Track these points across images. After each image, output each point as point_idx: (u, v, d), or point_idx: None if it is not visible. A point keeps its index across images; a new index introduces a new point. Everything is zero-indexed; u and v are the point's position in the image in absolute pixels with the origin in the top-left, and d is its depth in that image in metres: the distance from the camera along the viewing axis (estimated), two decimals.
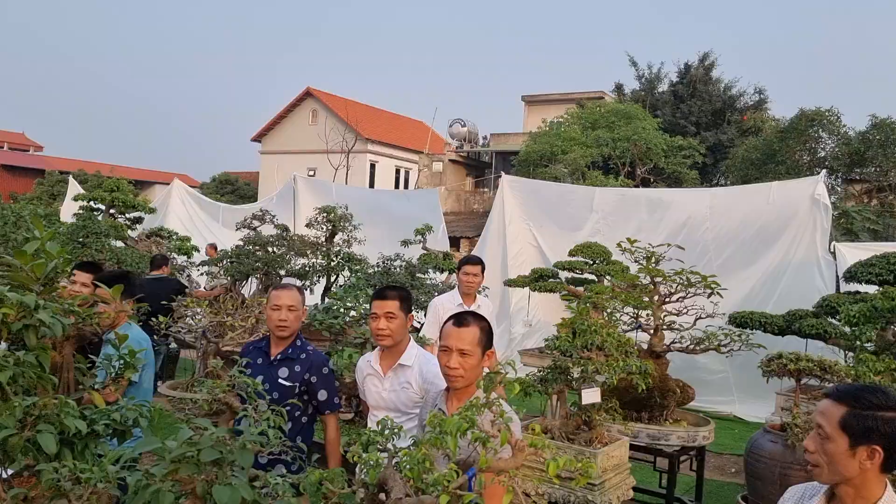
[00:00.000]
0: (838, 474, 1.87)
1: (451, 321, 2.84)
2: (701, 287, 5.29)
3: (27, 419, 1.45)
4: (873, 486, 1.86)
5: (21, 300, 1.68)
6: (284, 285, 3.69)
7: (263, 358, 3.50)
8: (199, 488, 1.07)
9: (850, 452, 1.83)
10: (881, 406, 1.83)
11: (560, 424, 4.14)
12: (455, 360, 2.68)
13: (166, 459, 1.08)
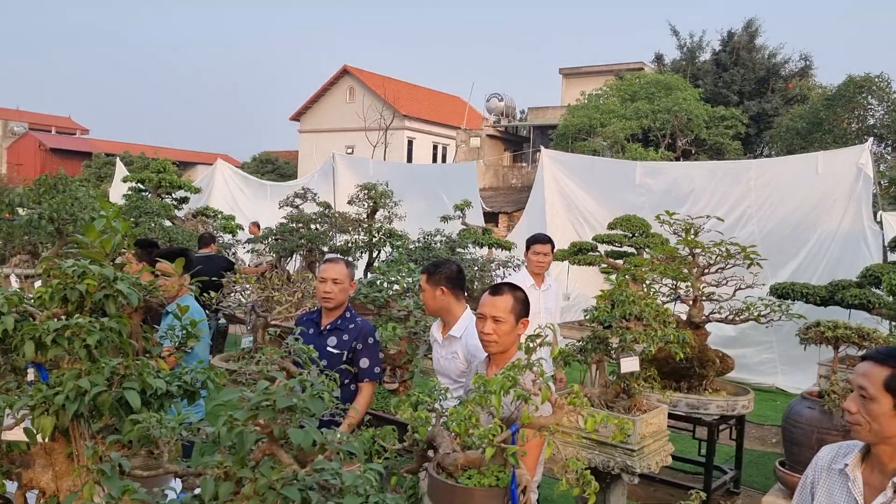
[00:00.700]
0: (880, 433, 1.94)
1: (487, 290, 3.01)
2: (740, 258, 5.30)
3: (114, 378, 1.62)
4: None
5: (102, 272, 1.84)
6: (332, 259, 3.86)
7: (314, 328, 3.70)
8: (276, 431, 1.21)
9: (894, 412, 1.90)
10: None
11: (599, 393, 4.23)
12: (489, 326, 2.83)
13: (246, 407, 1.23)
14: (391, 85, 36.04)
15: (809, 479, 2.22)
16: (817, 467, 2.21)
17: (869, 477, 2.01)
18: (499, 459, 1.89)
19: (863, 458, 2.04)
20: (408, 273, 5.04)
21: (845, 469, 2.05)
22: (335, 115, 36.96)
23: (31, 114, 43.99)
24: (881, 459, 1.97)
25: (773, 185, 9.42)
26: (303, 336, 3.74)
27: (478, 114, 36.37)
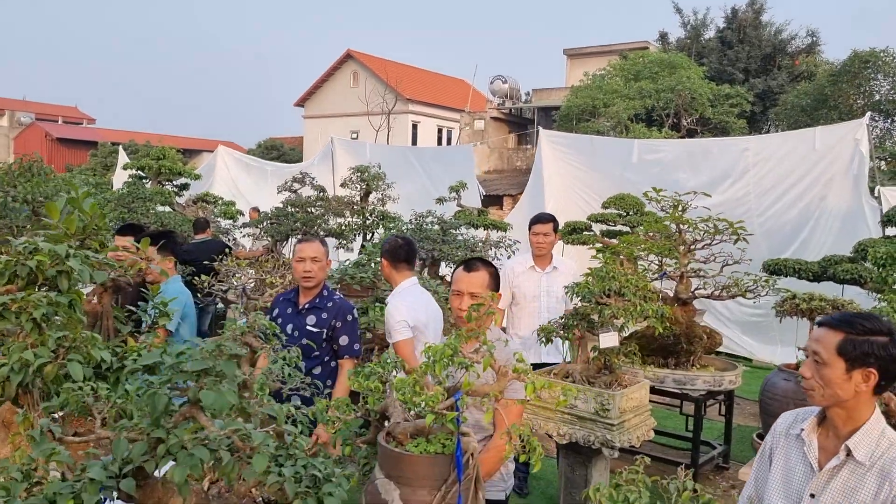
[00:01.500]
0: (833, 398, 1.96)
1: (461, 266, 3.03)
2: (728, 234, 5.30)
3: (59, 350, 1.65)
4: (864, 409, 1.95)
5: (53, 249, 1.88)
6: (307, 238, 3.89)
7: (293, 308, 3.74)
8: (191, 394, 1.24)
9: (847, 376, 1.92)
10: (875, 331, 1.92)
11: (581, 369, 4.26)
12: (466, 303, 2.84)
13: (161, 370, 1.26)
14: (395, 69, 35.90)
15: (768, 446, 2.24)
16: (776, 433, 2.23)
17: (824, 441, 2.03)
18: (448, 427, 1.92)
19: (819, 423, 2.06)
20: None
21: (801, 434, 2.08)
22: (339, 100, 36.91)
23: (37, 104, 44.17)
24: (835, 423, 2.00)
25: (770, 162, 9.37)
26: (282, 316, 3.79)
27: (482, 96, 36.20)
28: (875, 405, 1.97)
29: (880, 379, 1.90)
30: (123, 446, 1.19)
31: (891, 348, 1.88)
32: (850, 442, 1.93)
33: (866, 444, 1.92)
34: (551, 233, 5.29)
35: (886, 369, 1.90)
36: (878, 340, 1.89)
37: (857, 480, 1.92)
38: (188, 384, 1.25)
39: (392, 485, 1.87)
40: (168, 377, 1.25)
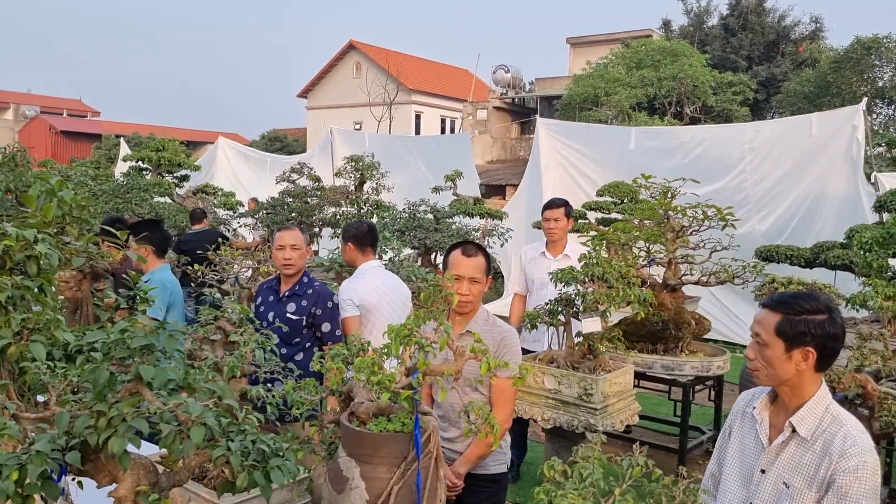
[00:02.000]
0: (776, 377, 1.99)
1: (458, 251, 3.01)
2: (716, 220, 5.30)
3: (23, 332, 1.70)
4: (808, 385, 1.98)
5: (20, 234, 1.92)
6: (287, 226, 3.93)
7: (274, 295, 3.79)
8: (133, 369, 1.28)
9: (787, 356, 1.95)
10: (813, 310, 1.94)
11: (566, 354, 4.30)
12: (466, 287, 2.87)
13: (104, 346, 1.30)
14: (397, 59, 35.84)
15: (728, 424, 2.28)
16: (734, 412, 2.27)
17: (775, 418, 2.06)
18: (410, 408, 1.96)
19: (771, 402, 2.10)
20: (383, 241, 5.09)
21: (753, 412, 2.11)
22: (342, 90, 36.87)
23: (41, 97, 44.31)
24: (783, 401, 2.03)
25: (767, 148, 9.36)
26: (264, 304, 3.84)
27: (485, 86, 36.10)
28: (821, 382, 2.00)
29: (819, 356, 1.93)
30: (65, 419, 1.23)
31: (827, 326, 1.91)
32: (794, 418, 1.96)
33: (810, 421, 1.95)
34: (563, 218, 5.15)
35: (824, 346, 1.92)
36: (815, 319, 1.92)
37: (801, 455, 1.95)
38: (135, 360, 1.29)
39: (353, 462, 1.92)
40: (110, 353, 1.29)
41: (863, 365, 3.44)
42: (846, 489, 1.83)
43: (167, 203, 8.55)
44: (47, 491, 1.19)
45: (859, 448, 1.86)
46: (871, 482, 1.84)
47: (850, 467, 1.83)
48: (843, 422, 1.93)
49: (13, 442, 1.26)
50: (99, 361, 1.27)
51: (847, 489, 1.83)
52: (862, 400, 3.38)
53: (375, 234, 4.26)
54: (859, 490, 1.82)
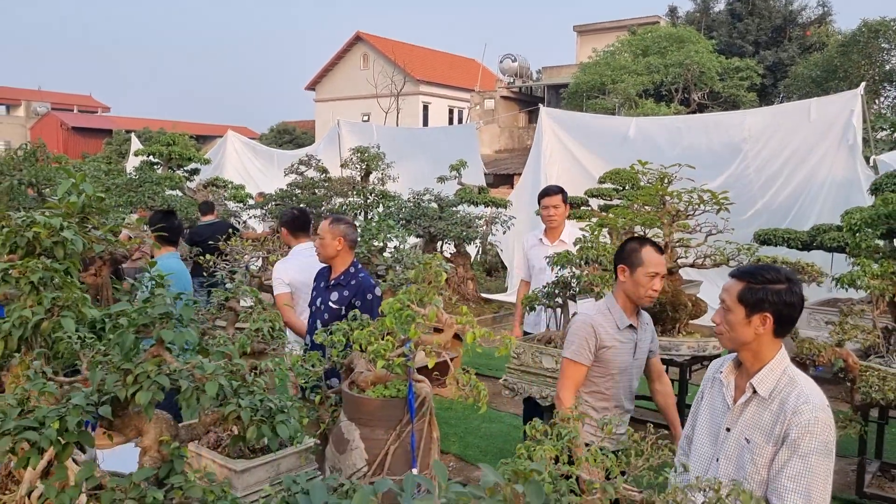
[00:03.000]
0: (737, 340, 2.17)
1: (650, 246, 3.15)
2: (711, 204, 5.44)
3: (54, 309, 1.89)
4: (767, 349, 2.15)
5: (48, 222, 2.11)
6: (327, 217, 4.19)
7: (325, 282, 3.96)
8: (155, 333, 1.47)
9: (747, 321, 2.13)
10: (772, 280, 2.11)
11: (562, 334, 4.46)
12: (659, 284, 3.11)
13: (129, 315, 1.49)
14: (404, 50, 35.92)
15: (701, 389, 2.46)
16: (706, 378, 2.45)
17: (739, 381, 2.24)
18: (404, 375, 2.14)
19: (736, 367, 2.27)
20: (387, 229, 5.28)
21: (720, 376, 2.29)
22: (350, 82, 36.99)
23: (52, 93, 44.69)
24: (745, 364, 2.20)
25: (767, 135, 9.45)
26: (316, 289, 4.04)
27: (492, 75, 36.12)
28: (780, 346, 2.16)
29: (776, 322, 2.10)
30: (98, 376, 1.42)
31: (784, 295, 2.08)
32: (754, 380, 2.14)
33: (768, 381, 2.12)
34: (560, 204, 5.23)
35: (780, 313, 2.09)
36: (774, 288, 2.09)
37: (760, 413, 2.12)
38: None
39: (353, 426, 2.11)
40: (135, 321, 1.47)
41: (843, 340, 3.60)
42: (798, 442, 2.00)
43: (179, 196, 8.77)
44: (84, 439, 1.38)
45: (811, 405, 2.03)
46: (822, 436, 2.00)
47: (802, 422, 2.00)
48: (798, 382, 2.10)
49: (52, 399, 1.45)
50: (125, 327, 1.46)
51: (799, 442, 2.00)
52: (844, 373, 3.54)
53: (307, 218, 4.85)
54: (810, 443, 1.99)
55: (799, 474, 2.00)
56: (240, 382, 1.63)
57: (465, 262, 6.91)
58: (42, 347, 1.86)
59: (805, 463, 2.00)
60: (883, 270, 4.42)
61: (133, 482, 1.34)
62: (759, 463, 2.08)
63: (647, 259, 3.00)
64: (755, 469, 2.09)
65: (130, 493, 1.32)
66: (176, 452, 1.43)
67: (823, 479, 2.01)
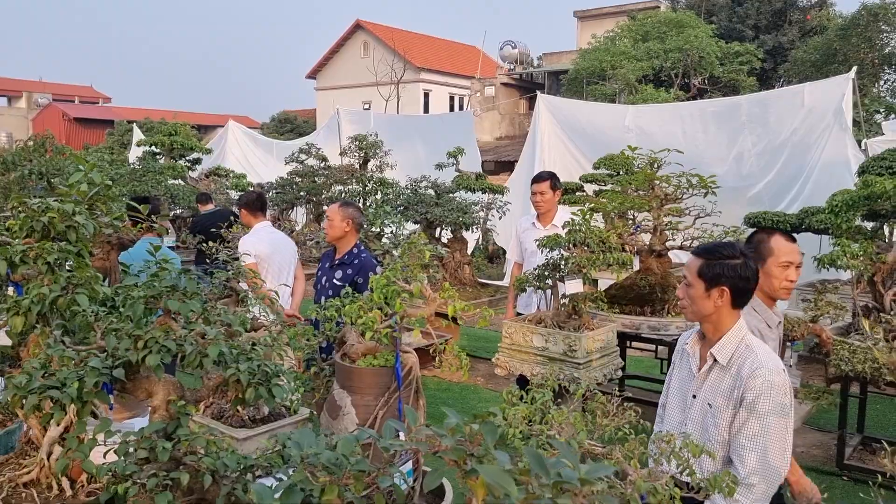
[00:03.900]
0: (699, 313, 2.34)
1: (785, 237, 2.94)
2: (699, 188, 5.60)
3: (69, 286, 2.06)
4: (726, 320, 2.32)
5: (62, 208, 2.28)
6: (335, 202, 4.61)
7: (329, 262, 4.26)
8: (163, 303, 1.63)
9: (706, 294, 2.30)
10: (728, 256, 2.28)
11: (553, 314, 4.63)
12: (794, 274, 2.84)
13: (140, 287, 1.65)
14: (405, 37, 35.91)
15: (672, 361, 2.63)
16: (676, 350, 2.62)
17: (703, 351, 2.41)
18: (392, 347, 2.31)
19: (701, 338, 2.44)
20: (384, 215, 5.44)
21: (686, 347, 2.46)
22: (350, 71, 37.01)
23: (54, 84, 44.78)
24: (707, 335, 2.38)
25: (763, 120, 9.57)
26: (321, 269, 4.35)
27: (493, 62, 36.12)
28: (738, 317, 2.33)
29: (732, 294, 2.26)
30: (113, 341, 1.59)
31: (739, 269, 2.25)
32: (714, 349, 2.31)
33: (727, 350, 2.29)
34: (548, 190, 5.40)
35: (736, 286, 2.27)
36: (729, 263, 2.26)
37: (720, 379, 2.30)
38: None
39: (345, 393, 2.28)
40: (144, 292, 1.64)
41: (818, 316, 3.76)
42: (754, 404, 2.17)
43: (181, 185, 8.95)
44: (101, 398, 1.55)
45: (766, 369, 2.20)
46: (777, 398, 2.17)
47: (758, 385, 2.18)
48: (754, 349, 2.27)
49: (71, 363, 1.62)
50: (136, 299, 1.63)
51: (755, 404, 2.17)
52: (818, 348, 3.70)
53: (264, 199, 5.40)
54: (765, 404, 2.16)
55: (756, 434, 2.17)
56: (239, 350, 1.80)
57: (461, 248, 7.07)
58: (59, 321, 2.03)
59: (761, 423, 2.17)
60: (862, 250, 4.57)
61: (144, 435, 1.51)
62: (721, 425, 2.25)
63: (778, 248, 2.78)
64: (717, 431, 2.26)
65: (142, 444, 1.49)
66: (182, 410, 1.60)
67: (779, 437, 2.18)
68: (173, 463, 1.49)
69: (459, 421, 1.24)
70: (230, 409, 2.75)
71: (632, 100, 20.28)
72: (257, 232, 5.16)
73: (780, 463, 2.18)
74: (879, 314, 4.60)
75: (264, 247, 4.93)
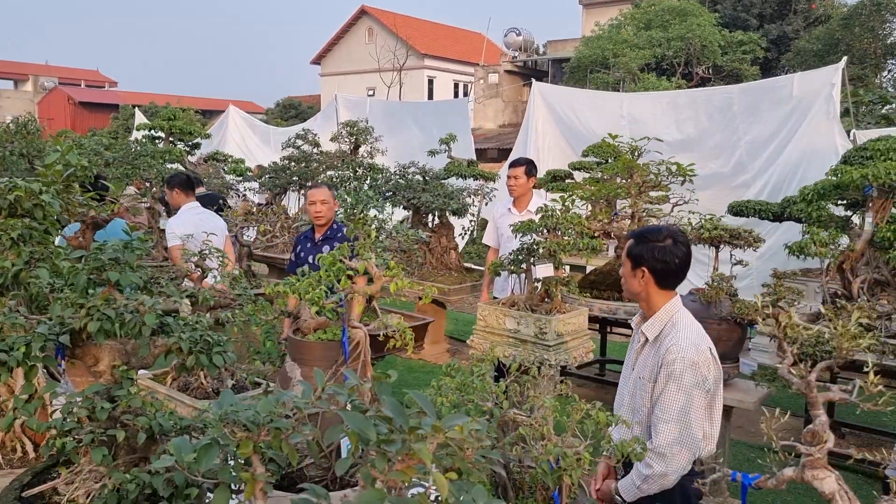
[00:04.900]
0: (631, 291, 2.52)
1: None
2: (677, 176, 5.69)
3: (32, 261, 2.18)
4: (656, 299, 2.46)
5: (28, 187, 2.40)
6: (317, 184, 4.83)
7: (311, 242, 4.46)
8: (106, 275, 1.75)
9: (633, 273, 2.46)
10: (653, 239, 2.42)
11: (526, 298, 4.74)
12: None
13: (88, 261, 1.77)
14: (409, 24, 35.88)
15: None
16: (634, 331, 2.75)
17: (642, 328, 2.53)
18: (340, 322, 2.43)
19: (643, 317, 2.57)
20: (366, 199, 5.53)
21: (633, 325, 2.60)
22: (355, 56, 37.04)
23: (60, 68, 44.91)
24: (645, 314, 2.50)
25: (753, 109, 9.62)
26: (304, 250, 4.53)
27: (497, 49, 36.05)
28: (670, 298, 2.44)
29: (654, 275, 2.39)
30: (58, 309, 1.71)
31: (658, 252, 2.36)
32: (644, 326, 2.44)
33: (655, 327, 2.41)
34: (522, 176, 5.54)
35: (654, 268, 2.40)
36: (653, 245, 2.37)
37: (649, 354, 2.43)
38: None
39: (296, 365, 2.41)
40: (88, 265, 1.76)
41: (776, 300, 3.85)
42: (665, 378, 2.31)
43: (176, 169, 9.06)
44: (48, 361, 1.68)
45: (679, 347, 2.32)
46: (687, 376, 2.28)
47: (669, 360, 2.31)
48: (678, 327, 2.38)
49: (21, 330, 1.74)
50: (79, 270, 1.75)
51: (667, 379, 2.31)
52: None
53: (191, 181, 5.84)
54: (678, 379, 2.28)
55: (667, 406, 2.30)
56: (185, 321, 1.92)
57: (448, 233, 7.17)
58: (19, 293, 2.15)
59: (671, 396, 2.29)
60: (831, 239, 4.66)
61: (86, 395, 1.63)
62: (646, 397, 2.38)
63: None
64: (643, 402, 2.39)
65: (84, 404, 1.61)
66: (125, 374, 1.72)
67: (689, 409, 2.28)
68: (112, 422, 1.62)
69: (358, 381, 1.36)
70: (195, 382, 2.88)
71: (633, 88, 20.28)
72: (182, 213, 5.41)
73: (687, 437, 2.28)
74: (847, 301, 4.70)
75: (188, 228, 5.12)
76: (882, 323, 4.43)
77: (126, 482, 1.53)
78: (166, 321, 1.79)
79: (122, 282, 1.72)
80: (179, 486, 1.51)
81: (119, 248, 1.76)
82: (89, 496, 1.62)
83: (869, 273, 4.88)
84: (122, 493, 1.55)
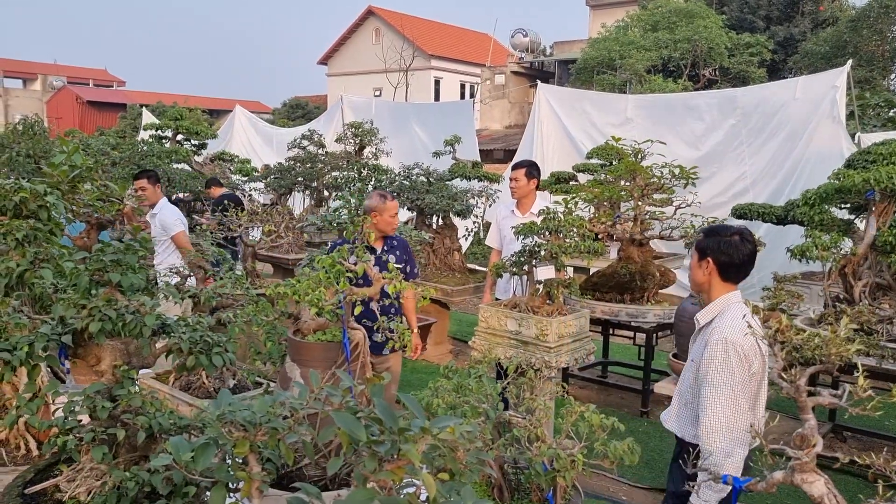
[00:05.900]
0: (695, 281, 2.67)
1: None
2: (679, 178, 5.70)
3: (36, 262, 2.22)
4: (715, 290, 2.61)
5: (34, 189, 2.43)
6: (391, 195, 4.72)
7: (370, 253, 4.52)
8: (108, 277, 1.78)
9: (699, 264, 2.63)
10: (722, 234, 2.61)
11: (527, 300, 4.76)
12: None
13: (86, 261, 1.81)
14: (416, 24, 35.90)
15: None
16: None
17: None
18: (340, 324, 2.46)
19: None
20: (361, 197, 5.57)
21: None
22: (362, 57, 37.05)
23: (68, 67, 45.15)
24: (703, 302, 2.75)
25: (758, 113, 9.62)
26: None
27: (504, 50, 36.07)
28: (727, 291, 2.58)
29: (717, 266, 2.55)
30: (60, 309, 1.74)
31: (723, 246, 2.55)
32: (699, 314, 2.60)
33: (708, 315, 2.60)
34: (522, 178, 5.56)
35: (719, 260, 2.56)
36: (719, 239, 2.57)
37: (701, 340, 2.59)
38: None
39: (295, 366, 2.44)
40: (91, 266, 1.80)
41: (776, 304, 3.87)
42: (703, 361, 2.45)
43: (180, 169, 9.11)
44: (51, 361, 1.71)
45: (723, 328, 2.45)
46: (720, 359, 2.40)
47: (713, 341, 2.44)
48: (726, 318, 2.51)
49: (25, 330, 1.77)
50: (82, 271, 1.78)
51: (704, 361, 2.45)
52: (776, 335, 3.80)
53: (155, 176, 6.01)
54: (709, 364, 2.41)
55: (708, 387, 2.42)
56: (186, 322, 1.96)
57: (451, 234, 7.20)
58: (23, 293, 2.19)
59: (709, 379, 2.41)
60: (833, 242, 4.66)
61: (87, 394, 1.66)
62: (692, 378, 2.56)
63: None
64: (694, 383, 2.54)
65: (85, 403, 1.65)
66: (126, 373, 1.75)
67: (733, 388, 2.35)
68: (112, 420, 1.65)
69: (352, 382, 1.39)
70: (197, 382, 2.91)
71: (640, 90, 20.24)
72: (167, 206, 5.78)
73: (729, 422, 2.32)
74: (849, 305, 4.70)
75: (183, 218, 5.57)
76: (884, 327, 4.43)
77: (126, 480, 1.56)
78: (167, 321, 1.82)
79: (124, 283, 1.75)
80: (178, 485, 1.54)
81: (121, 250, 1.79)
82: (90, 493, 1.66)
83: (871, 277, 4.88)
84: (122, 490, 1.58)
